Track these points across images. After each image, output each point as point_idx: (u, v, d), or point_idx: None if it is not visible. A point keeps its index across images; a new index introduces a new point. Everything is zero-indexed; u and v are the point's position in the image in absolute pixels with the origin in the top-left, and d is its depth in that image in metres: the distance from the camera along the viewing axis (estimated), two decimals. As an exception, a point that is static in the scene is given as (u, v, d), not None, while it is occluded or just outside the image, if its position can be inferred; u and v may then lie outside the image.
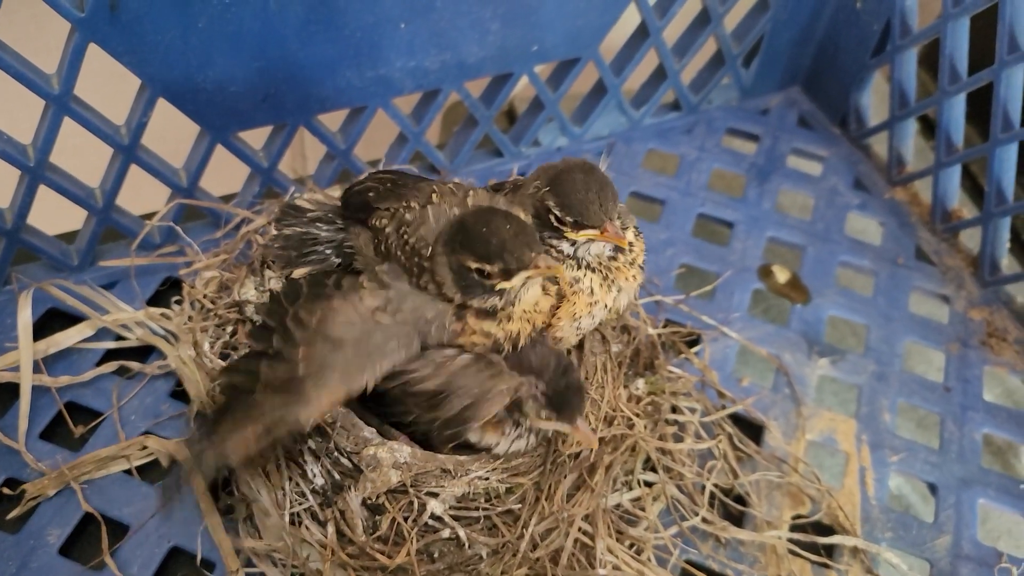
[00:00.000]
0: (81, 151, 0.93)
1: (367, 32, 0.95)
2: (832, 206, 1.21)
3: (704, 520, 0.85)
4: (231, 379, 0.76)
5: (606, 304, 0.78)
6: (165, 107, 0.91)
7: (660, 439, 0.87)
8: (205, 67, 0.90)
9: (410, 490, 0.74)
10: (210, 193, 1.04)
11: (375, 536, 0.74)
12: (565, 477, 0.78)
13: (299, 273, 0.83)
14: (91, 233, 0.97)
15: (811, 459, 0.94)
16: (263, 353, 0.72)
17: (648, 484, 0.86)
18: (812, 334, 1.05)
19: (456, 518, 0.75)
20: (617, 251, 0.78)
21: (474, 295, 0.70)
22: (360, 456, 0.73)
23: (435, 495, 0.74)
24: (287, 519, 0.75)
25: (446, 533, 0.74)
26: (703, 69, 1.28)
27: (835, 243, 1.16)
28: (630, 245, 0.79)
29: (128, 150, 0.93)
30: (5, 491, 0.82)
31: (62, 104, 0.86)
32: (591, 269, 0.77)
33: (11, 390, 0.88)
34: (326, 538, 0.74)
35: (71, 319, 0.94)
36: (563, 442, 0.78)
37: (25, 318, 0.89)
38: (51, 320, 0.96)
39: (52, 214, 0.96)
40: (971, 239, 1.15)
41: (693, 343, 1.01)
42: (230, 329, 0.89)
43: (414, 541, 0.73)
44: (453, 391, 0.71)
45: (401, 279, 0.73)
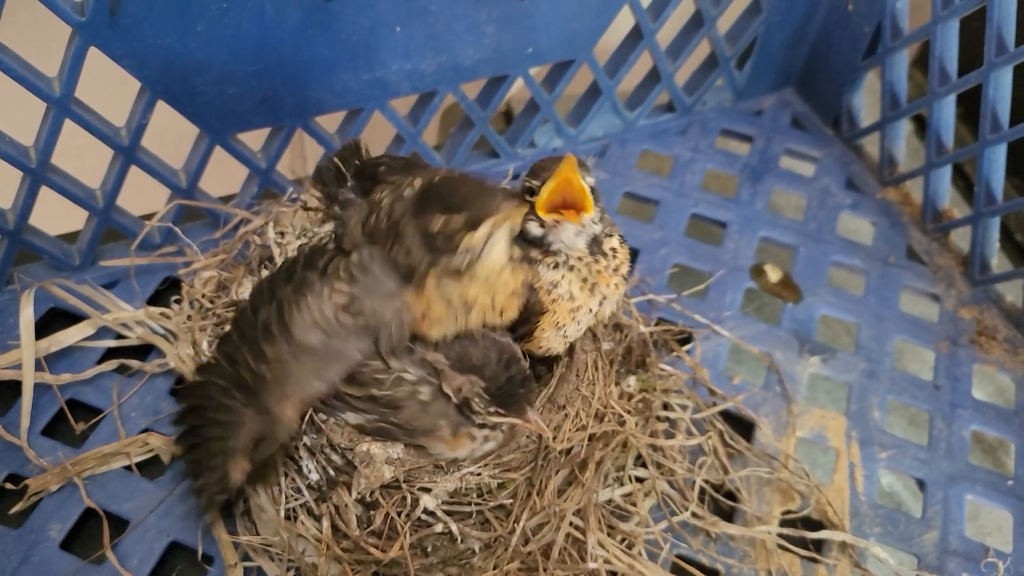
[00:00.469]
0: (82, 153, 0.94)
1: (363, 35, 0.96)
2: (824, 206, 1.22)
3: (694, 515, 0.87)
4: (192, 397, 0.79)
5: (590, 308, 0.77)
6: (165, 109, 0.93)
7: (651, 435, 0.88)
8: (204, 70, 0.91)
9: (403, 485, 0.75)
10: (209, 194, 1.05)
11: (369, 530, 0.75)
12: (556, 473, 0.79)
13: (313, 192, 0.87)
14: (92, 233, 0.99)
15: (801, 456, 0.95)
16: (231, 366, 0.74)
17: (639, 480, 0.88)
18: (803, 333, 1.07)
19: (449, 513, 0.76)
20: (596, 250, 0.76)
21: (441, 256, 0.70)
22: (354, 452, 0.75)
23: (428, 490, 0.75)
24: (283, 514, 0.77)
25: (439, 528, 0.76)
26: (697, 71, 1.29)
27: (827, 243, 1.17)
28: (613, 251, 0.78)
29: (128, 151, 0.95)
30: (8, 486, 0.84)
31: (63, 107, 0.87)
32: (569, 268, 0.75)
33: (13, 387, 0.89)
34: (321, 533, 0.76)
35: (72, 318, 0.96)
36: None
37: (27, 317, 0.90)
38: (53, 319, 0.97)
39: (54, 215, 0.97)
40: (962, 239, 1.16)
41: (685, 341, 1.02)
42: (228, 328, 0.90)
43: (407, 535, 0.74)
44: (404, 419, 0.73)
45: (373, 265, 0.73)
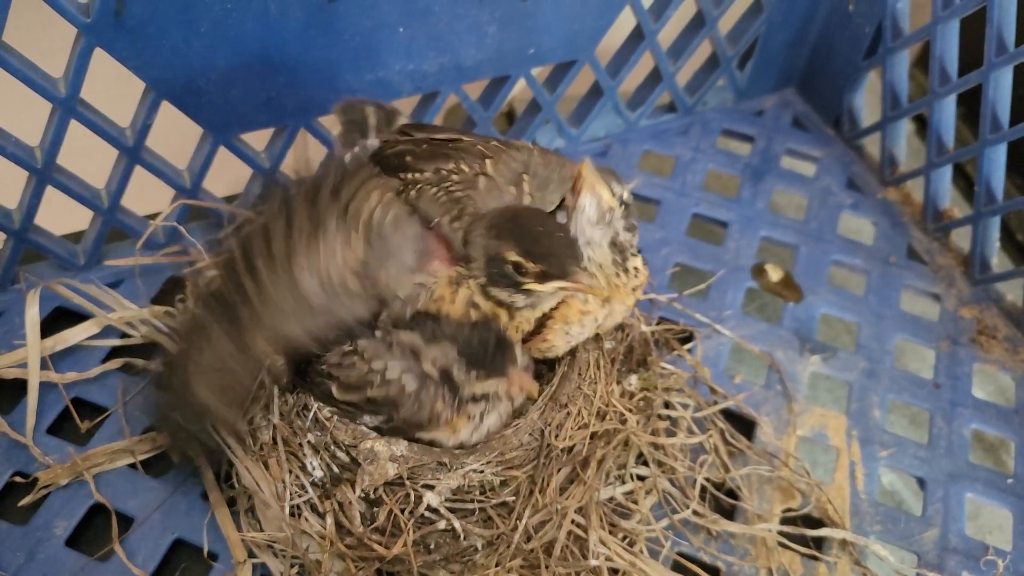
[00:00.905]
0: (87, 153, 0.95)
1: (366, 36, 0.97)
2: (825, 206, 1.22)
3: (695, 513, 0.87)
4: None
5: (596, 318, 0.78)
6: (169, 109, 0.93)
7: (652, 434, 0.89)
8: (208, 71, 0.92)
9: (407, 483, 0.75)
10: (213, 194, 1.06)
11: (373, 527, 0.76)
12: (558, 471, 0.80)
13: (337, 117, 0.87)
14: (97, 233, 1.00)
15: (802, 454, 0.95)
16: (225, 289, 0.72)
17: (641, 478, 0.88)
18: (804, 332, 1.07)
19: (452, 510, 0.76)
20: (619, 267, 0.77)
21: (499, 286, 0.71)
22: (358, 449, 0.75)
23: (431, 487, 0.76)
24: (287, 511, 0.77)
25: (442, 524, 0.76)
26: (698, 71, 1.30)
27: (828, 242, 1.18)
28: (636, 270, 0.79)
29: (133, 152, 0.95)
30: (18, 479, 0.84)
31: (69, 107, 0.88)
32: (590, 275, 0.75)
33: (19, 386, 0.90)
34: (325, 529, 0.76)
35: (77, 317, 0.96)
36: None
37: (33, 316, 0.91)
38: (58, 318, 0.98)
39: (59, 214, 0.98)
40: (962, 238, 1.16)
41: (686, 340, 1.03)
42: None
43: (411, 532, 0.75)
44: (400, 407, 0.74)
45: (395, 235, 0.71)
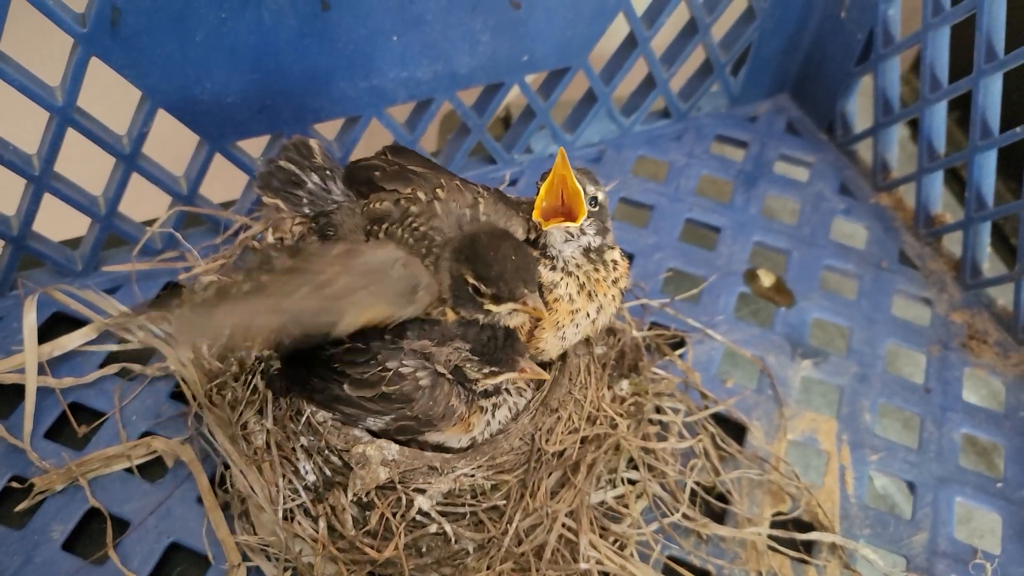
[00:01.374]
0: (84, 160, 0.96)
1: (360, 44, 0.98)
2: (818, 211, 1.23)
3: (685, 517, 0.88)
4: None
5: (588, 313, 0.79)
6: (165, 117, 0.94)
7: (643, 438, 0.89)
8: (203, 79, 0.93)
9: (398, 486, 0.76)
10: (209, 200, 1.07)
11: (365, 531, 0.77)
12: (549, 475, 0.81)
13: (269, 201, 0.83)
14: (94, 239, 1.01)
15: (792, 458, 0.96)
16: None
17: (631, 482, 0.89)
18: (796, 336, 1.08)
19: (443, 514, 0.77)
20: (596, 259, 0.78)
21: (463, 306, 0.73)
22: (350, 454, 0.76)
23: (422, 491, 0.77)
24: (280, 514, 0.78)
25: (433, 528, 0.77)
26: (692, 77, 1.31)
27: (820, 247, 1.18)
28: (614, 263, 0.80)
29: (130, 159, 0.96)
30: (14, 485, 0.85)
31: (66, 115, 0.89)
32: (567, 273, 0.77)
33: (17, 391, 0.91)
34: (318, 533, 0.77)
35: (75, 322, 0.98)
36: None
37: (30, 322, 0.92)
38: (56, 324, 0.99)
39: (57, 221, 0.99)
40: (954, 243, 1.17)
41: (678, 346, 1.04)
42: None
43: (402, 536, 0.76)
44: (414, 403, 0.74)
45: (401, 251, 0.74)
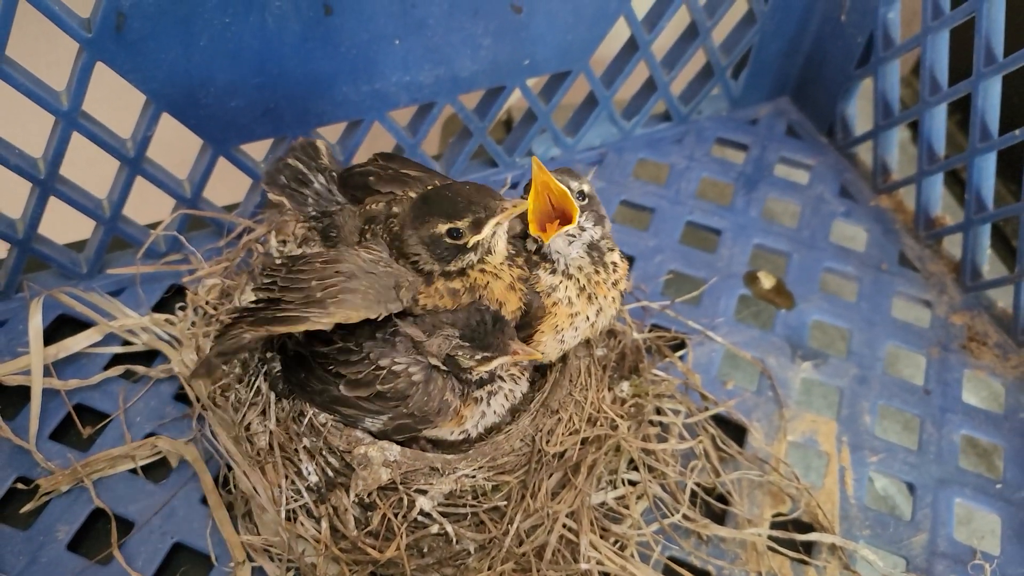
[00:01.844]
0: (89, 164, 0.97)
1: (362, 48, 0.99)
2: (818, 214, 1.24)
3: (686, 517, 0.88)
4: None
5: (587, 316, 0.79)
6: (169, 121, 0.95)
7: (643, 440, 0.90)
8: (207, 83, 0.93)
9: (400, 487, 0.77)
10: (213, 203, 1.08)
11: (367, 531, 0.77)
12: (550, 476, 0.81)
13: (274, 198, 0.86)
14: (99, 242, 1.01)
15: (792, 460, 0.97)
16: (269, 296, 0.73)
17: (632, 483, 0.89)
18: (796, 338, 1.08)
19: (444, 514, 0.78)
20: (597, 260, 0.79)
21: (450, 259, 0.73)
22: (352, 455, 0.77)
23: (424, 492, 0.77)
24: (283, 515, 0.79)
25: (435, 529, 0.78)
26: (693, 80, 1.31)
27: (820, 250, 1.19)
28: (614, 265, 0.80)
29: (134, 163, 0.97)
30: (20, 486, 0.86)
31: (71, 120, 0.90)
32: (567, 276, 0.78)
33: (22, 393, 0.92)
34: (320, 533, 0.78)
35: (80, 325, 0.98)
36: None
37: (36, 324, 0.93)
38: (61, 326, 1.00)
39: (62, 224, 1.00)
40: (954, 245, 1.17)
41: (679, 347, 1.04)
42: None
43: (404, 536, 0.76)
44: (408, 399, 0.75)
45: (386, 251, 0.77)
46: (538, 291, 0.78)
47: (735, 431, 0.98)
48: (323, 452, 0.78)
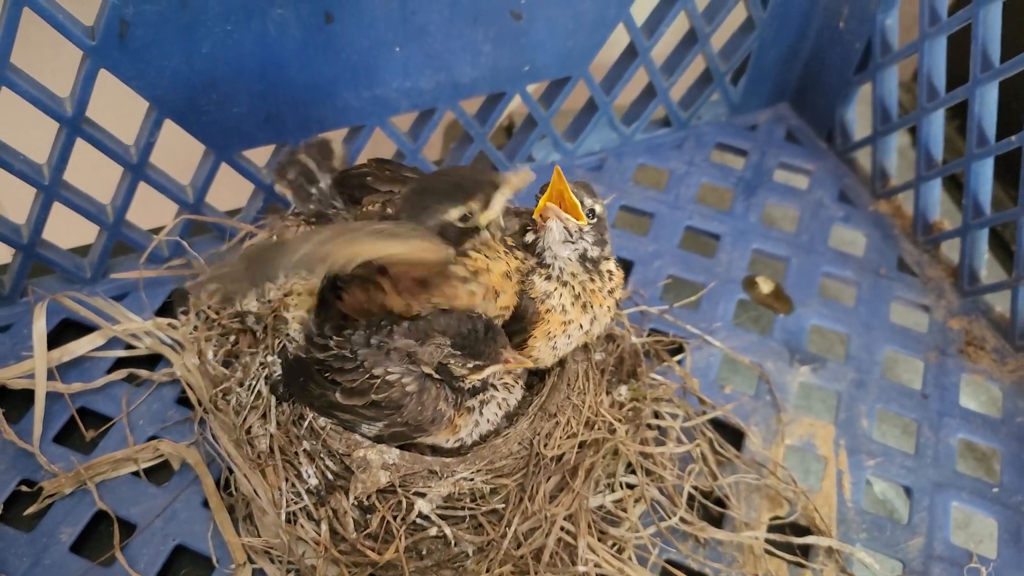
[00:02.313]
0: (93, 169, 0.97)
1: (363, 55, 1.00)
2: (817, 218, 1.24)
3: (683, 520, 0.89)
4: None
5: (581, 325, 0.80)
6: (172, 127, 0.96)
7: (641, 443, 0.91)
8: (209, 90, 0.94)
9: (399, 490, 0.78)
10: (215, 208, 1.09)
11: (366, 534, 0.78)
12: (548, 479, 0.82)
13: (280, 190, 0.86)
14: (103, 247, 1.02)
15: (790, 463, 0.97)
16: None
17: (630, 486, 0.90)
18: (794, 343, 1.09)
19: (443, 517, 0.79)
20: (592, 269, 0.79)
21: (465, 241, 0.74)
22: (351, 458, 0.78)
23: (422, 495, 0.78)
24: (283, 517, 0.80)
25: (433, 531, 0.78)
26: (692, 86, 1.32)
27: (819, 254, 1.19)
28: (609, 273, 0.81)
29: (137, 168, 0.98)
30: (23, 488, 0.87)
31: (75, 126, 0.91)
32: (562, 283, 0.79)
33: (27, 396, 0.93)
34: (320, 535, 0.79)
35: (84, 329, 0.99)
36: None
37: (40, 328, 0.94)
38: (65, 330, 1.01)
39: (66, 229, 1.01)
40: (952, 250, 1.18)
41: (677, 352, 1.05)
42: (232, 338, 0.93)
43: (403, 539, 0.77)
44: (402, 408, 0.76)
45: None
46: (532, 297, 0.79)
47: (733, 435, 0.98)
48: (323, 455, 0.79)
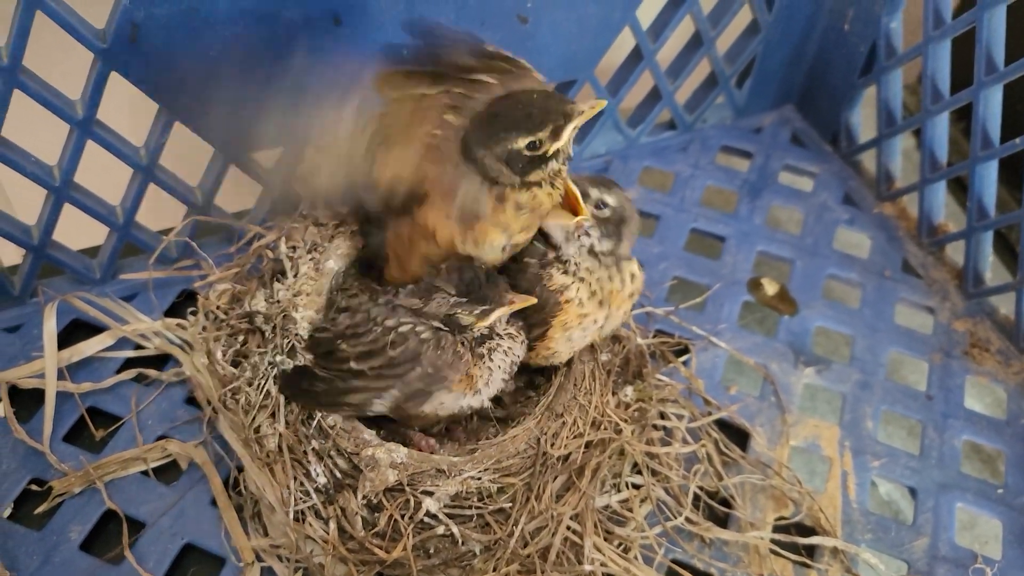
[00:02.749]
0: (103, 171, 0.98)
1: (371, 58, 1.00)
2: (822, 221, 1.25)
3: (689, 520, 0.89)
4: None
5: (596, 320, 0.81)
6: (182, 130, 0.97)
7: (647, 443, 0.91)
8: (219, 92, 0.95)
9: (407, 489, 0.78)
10: (224, 210, 1.09)
11: (374, 532, 0.78)
12: (554, 479, 0.82)
13: None
14: (112, 248, 1.03)
15: (795, 464, 0.97)
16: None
17: (636, 486, 0.90)
18: (799, 344, 1.09)
19: (450, 516, 0.79)
20: (611, 270, 0.81)
21: (530, 171, 0.74)
22: (360, 457, 0.78)
23: (430, 494, 0.78)
24: (292, 516, 0.80)
25: (441, 530, 0.79)
26: (697, 89, 1.32)
27: (823, 257, 1.20)
28: (632, 276, 0.82)
29: (147, 170, 0.99)
30: (34, 487, 0.88)
31: (85, 128, 0.92)
32: (580, 279, 0.80)
33: (37, 395, 0.93)
34: (328, 534, 0.79)
35: (93, 329, 1.00)
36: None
37: (50, 328, 0.94)
38: (75, 330, 1.01)
39: (76, 230, 1.02)
40: (957, 252, 1.18)
41: (682, 353, 1.05)
42: (241, 338, 0.94)
43: (410, 537, 0.78)
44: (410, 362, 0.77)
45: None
46: (552, 289, 0.80)
47: (738, 436, 0.99)
48: (331, 454, 0.80)
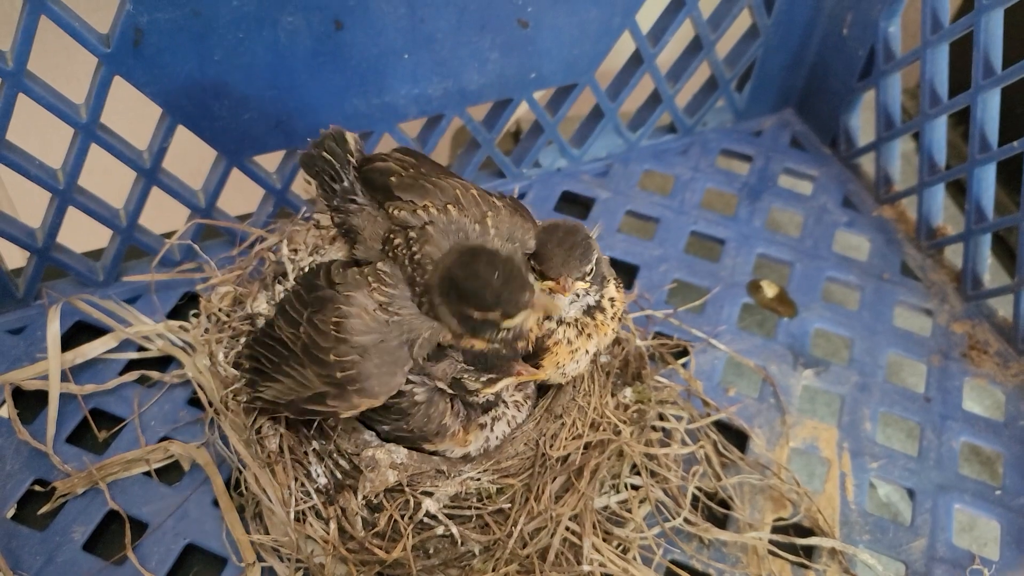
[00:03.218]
0: (106, 174, 0.99)
1: (372, 62, 1.01)
2: (821, 223, 1.25)
3: (687, 521, 0.90)
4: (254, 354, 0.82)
5: (587, 351, 0.82)
6: (185, 133, 0.97)
7: (646, 445, 0.92)
8: (221, 96, 0.96)
9: (406, 489, 0.79)
10: (226, 213, 1.10)
11: (374, 532, 0.79)
12: (553, 479, 0.83)
13: (308, 180, 0.88)
14: (115, 251, 1.04)
15: (794, 466, 0.98)
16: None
17: (635, 487, 0.91)
18: (798, 346, 1.10)
19: (450, 516, 0.80)
20: (594, 310, 0.81)
21: (483, 333, 0.74)
22: (360, 457, 0.79)
23: (430, 494, 0.79)
24: (292, 516, 0.81)
25: (440, 530, 0.79)
26: (697, 93, 1.33)
27: (823, 259, 1.20)
28: (612, 300, 0.82)
29: (150, 173, 0.99)
30: (37, 488, 0.88)
31: (89, 132, 0.92)
32: (566, 324, 0.80)
33: (40, 397, 0.94)
34: (328, 534, 0.80)
35: (96, 331, 1.01)
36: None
37: (54, 330, 0.95)
38: (78, 332, 1.02)
39: (79, 233, 1.03)
40: (956, 255, 1.19)
41: (682, 355, 1.06)
42: (243, 340, 0.95)
43: (410, 537, 0.78)
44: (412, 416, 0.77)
45: (402, 285, 0.76)
46: (539, 335, 0.80)
47: (737, 437, 0.99)
48: (332, 455, 0.80)
